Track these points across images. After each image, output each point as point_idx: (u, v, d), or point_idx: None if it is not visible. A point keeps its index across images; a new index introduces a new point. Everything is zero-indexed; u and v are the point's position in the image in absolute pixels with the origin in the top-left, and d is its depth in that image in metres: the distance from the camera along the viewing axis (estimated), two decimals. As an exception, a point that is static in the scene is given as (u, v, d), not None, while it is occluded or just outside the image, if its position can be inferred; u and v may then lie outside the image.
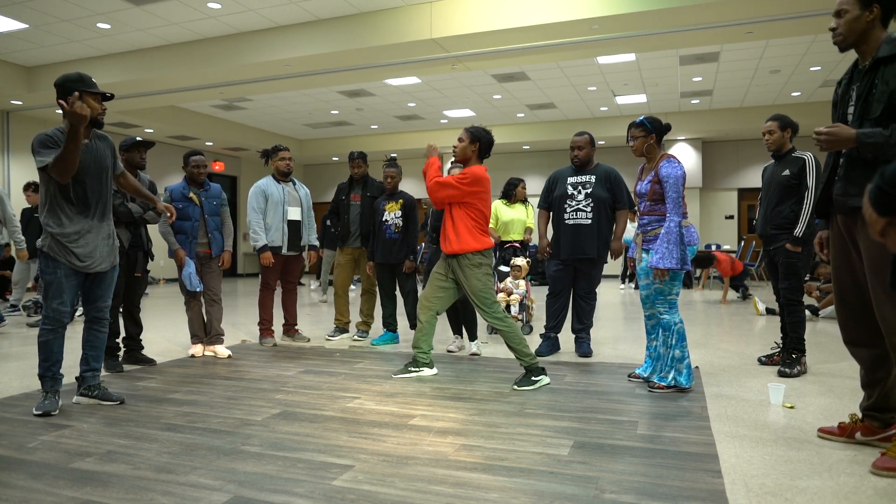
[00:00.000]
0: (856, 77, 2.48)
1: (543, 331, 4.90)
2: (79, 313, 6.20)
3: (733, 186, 14.80)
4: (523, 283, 6.20)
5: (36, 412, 3.15)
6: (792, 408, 3.26)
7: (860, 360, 2.61)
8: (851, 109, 2.46)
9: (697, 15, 6.85)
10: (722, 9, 6.69)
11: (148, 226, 4.57)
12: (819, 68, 10.12)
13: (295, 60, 8.45)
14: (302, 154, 16.46)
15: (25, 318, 7.20)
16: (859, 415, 2.66)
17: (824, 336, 5.74)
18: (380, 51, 8.06)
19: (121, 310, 4.45)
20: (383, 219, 5.21)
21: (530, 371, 3.77)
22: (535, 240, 5.41)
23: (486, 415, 3.14)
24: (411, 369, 4.08)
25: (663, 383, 3.60)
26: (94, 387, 3.39)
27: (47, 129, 3.15)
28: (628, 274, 12.30)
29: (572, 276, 4.75)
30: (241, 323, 6.90)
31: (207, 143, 14.74)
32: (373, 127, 14.91)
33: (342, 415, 3.17)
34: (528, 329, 6.08)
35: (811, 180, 3.96)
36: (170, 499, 2.12)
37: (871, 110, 2.35)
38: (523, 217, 6.48)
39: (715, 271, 12.20)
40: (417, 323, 4.05)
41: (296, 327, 5.55)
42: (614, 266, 14.56)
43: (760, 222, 4.25)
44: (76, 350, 3.53)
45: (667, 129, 3.71)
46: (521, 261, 6.21)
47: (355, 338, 5.61)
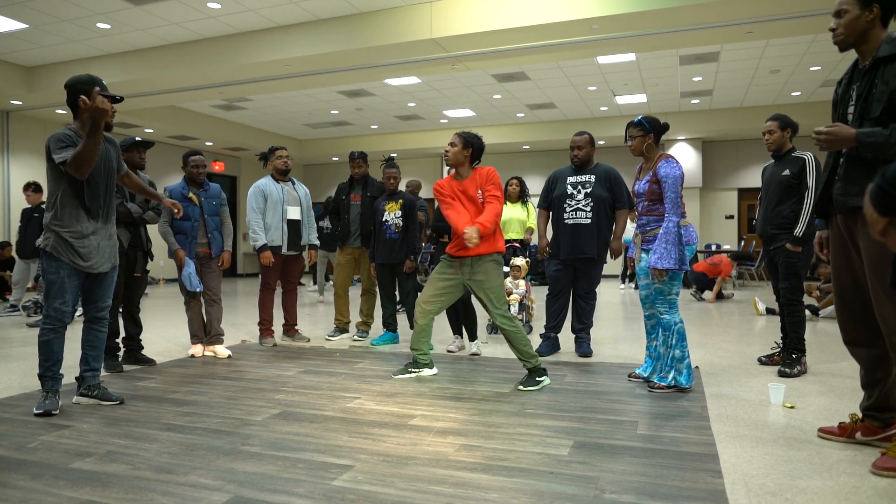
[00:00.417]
0: (856, 77, 2.48)
1: (543, 331, 4.90)
2: (78, 313, 6.20)
3: (733, 186, 14.80)
4: (523, 282, 6.20)
5: (36, 412, 3.16)
6: (792, 408, 3.26)
7: (860, 360, 2.61)
8: (851, 109, 2.46)
9: (697, 15, 6.85)
10: (722, 9, 6.69)
11: (147, 226, 4.57)
12: (819, 68, 10.12)
13: (295, 60, 8.45)
14: (302, 154, 16.46)
15: (25, 319, 7.21)
16: (859, 415, 2.66)
17: (824, 336, 5.74)
18: (380, 51, 8.06)
19: (120, 310, 4.45)
20: (383, 219, 5.21)
21: (534, 372, 3.78)
22: (535, 240, 5.42)
23: (486, 415, 3.14)
24: (411, 370, 4.08)
25: (663, 383, 3.60)
26: (93, 387, 3.39)
27: (60, 130, 3.18)
28: (628, 274, 12.30)
29: (572, 275, 4.75)
30: (240, 323, 6.90)
31: (207, 143, 14.74)
32: (373, 127, 14.91)
33: (342, 415, 3.16)
34: (527, 329, 6.07)
35: (811, 180, 3.96)
36: (170, 499, 2.12)
37: (871, 110, 2.35)
38: (521, 216, 6.47)
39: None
40: (415, 325, 4.03)
41: (296, 327, 5.55)
42: (614, 266, 14.56)
43: (760, 222, 4.25)
44: (76, 350, 3.53)
45: (665, 128, 3.72)
46: (521, 261, 6.21)
47: (355, 338, 5.61)
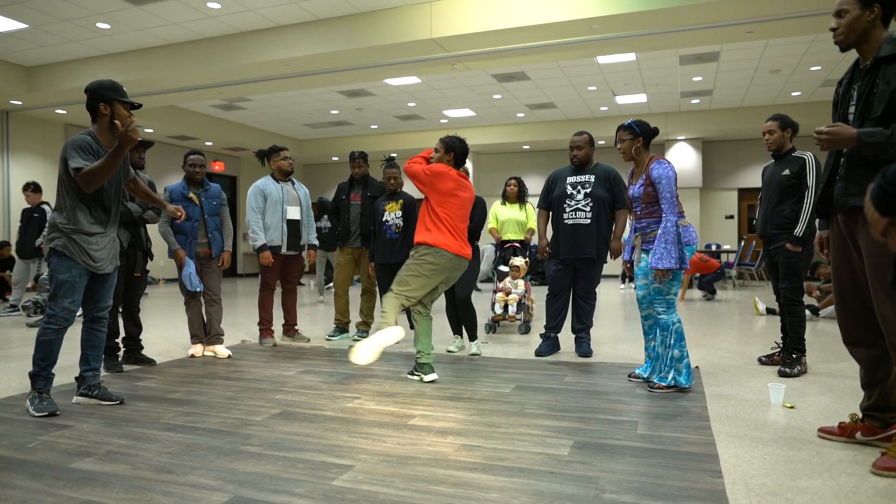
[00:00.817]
0: (857, 77, 2.48)
1: (543, 331, 4.90)
2: (78, 314, 6.20)
3: (733, 186, 14.80)
4: (522, 282, 6.20)
5: (38, 413, 3.13)
6: (792, 408, 3.26)
7: (860, 360, 2.61)
8: (852, 109, 2.46)
9: (697, 15, 6.85)
10: (722, 9, 6.69)
11: (147, 226, 4.57)
12: (819, 68, 10.12)
13: (295, 60, 8.45)
14: (302, 154, 16.46)
15: (25, 319, 7.20)
16: (859, 415, 2.66)
17: (824, 336, 5.74)
18: (380, 51, 8.06)
19: (120, 310, 4.45)
20: (384, 219, 5.21)
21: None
22: (535, 240, 5.43)
23: (486, 415, 3.14)
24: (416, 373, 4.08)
25: (663, 383, 3.60)
26: (94, 387, 3.39)
27: (78, 135, 3.19)
28: (628, 275, 12.30)
29: (572, 275, 4.74)
30: (240, 323, 6.90)
31: (207, 143, 14.74)
32: (373, 127, 14.90)
33: (342, 415, 3.16)
34: (524, 328, 6.08)
35: (811, 180, 3.96)
36: (170, 499, 2.12)
37: (872, 110, 2.35)
38: (520, 217, 6.48)
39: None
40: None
41: (296, 327, 5.55)
42: (614, 266, 14.55)
43: (760, 222, 4.25)
44: (75, 350, 3.53)
45: (654, 132, 3.74)
46: (520, 261, 6.21)
47: (355, 338, 5.61)
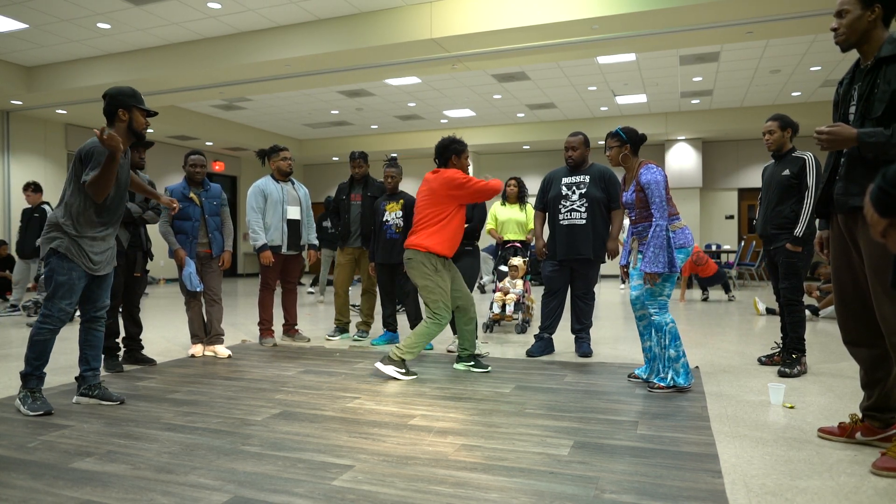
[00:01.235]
0: (857, 77, 2.48)
1: (538, 331, 4.90)
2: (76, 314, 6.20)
3: (733, 186, 14.80)
4: (521, 282, 6.21)
5: (33, 413, 3.12)
6: (792, 408, 3.26)
7: (860, 360, 2.61)
8: (853, 109, 2.46)
9: (697, 15, 6.85)
10: (722, 9, 6.70)
11: (147, 226, 4.57)
12: (819, 68, 10.12)
13: (295, 60, 8.45)
14: (302, 154, 16.46)
15: (25, 318, 7.21)
16: (859, 415, 2.66)
17: (824, 336, 5.74)
18: (380, 51, 8.06)
19: (120, 310, 4.46)
20: (384, 219, 5.21)
21: (393, 360, 4.07)
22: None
23: (486, 415, 3.14)
24: (474, 369, 4.19)
25: (662, 384, 3.60)
26: (94, 386, 3.39)
27: (94, 142, 3.20)
28: (624, 278, 12.29)
29: (568, 276, 4.75)
30: (241, 323, 6.90)
31: (207, 143, 14.74)
32: (373, 127, 14.91)
33: (342, 415, 3.16)
34: (520, 328, 6.08)
35: (811, 180, 3.96)
36: (170, 499, 2.12)
37: (873, 110, 2.35)
38: (519, 218, 6.48)
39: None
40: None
41: (296, 327, 5.55)
42: (614, 266, 14.56)
43: (760, 222, 4.25)
44: (75, 350, 3.53)
45: (642, 139, 3.79)
46: (518, 261, 6.22)
47: (355, 338, 5.61)
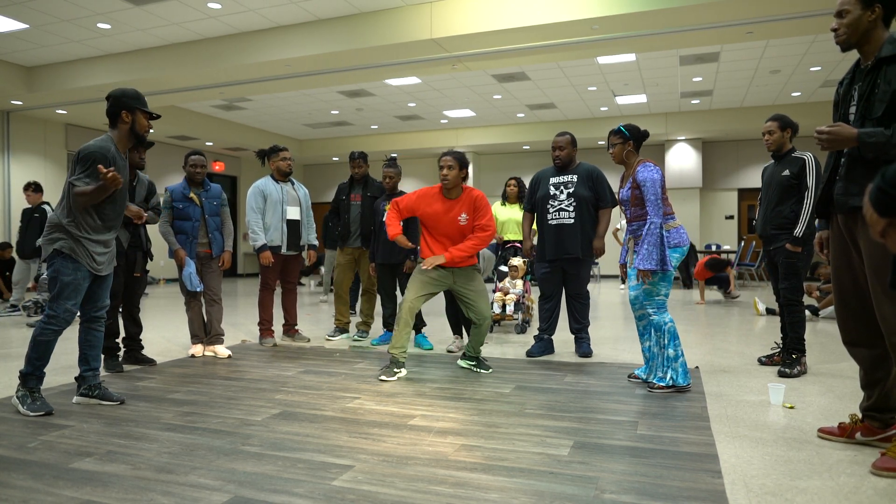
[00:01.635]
0: (857, 77, 2.48)
1: (537, 332, 4.91)
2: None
3: (733, 186, 14.80)
4: (521, 282, 6.21)
5: (32, 413, 3.12)
6: (792, 408, 3.26)
7: (860, 361, 2.61)
8: (853, 109, 2.46)
9: (697, 15, 6.85)
10: (722, 9, 6.69)
11: (147, 226, 4.57)
12: (819, 68, 10.12)
13: (295, 60, 8.45)
14: (302, 154, 16.46)
15: (25, 319, 7.21)
16: (859, 415, 2.66)
17: (824, 336, 5.74)
18: (380, 51, 8.06)
19: (120, 310, 4.46)
20: (384, 219, 5.21)
21: (475, 360, 4.22)
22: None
23: (486, 415, 3.14)
24: (396, 370, 4.06)
25: (662, 384, 3.60)
26: (94, 387, 3.39)
27: (100, 143, 3.19)
28: (623, 277, 12.28)
29: (560, 277, 4.76)
30: (241, 323, 6.90)
31: (207, 143, 14.74)
32: (373, 127, 14.91)
33: (342, 415, 3.16)
34: (520, 329, 6.08)
35: (811, 180, 3.96)
36: (170, 499, 2.12)
37: (873, 110, 2.35)
38: (519, 217, 6.48)
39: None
40: (403, 324, 4.04)
41: (296, 327, 5.55)
42: (613, 266, 14.56)
43: (760, 222, 4.25)
44: (75, 350, 3.53)
45: (644, 135, 3.79)
46: (518, 261, 6.22)
47: (355, 338, 5.61)
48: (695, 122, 13.40)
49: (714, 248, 13.32)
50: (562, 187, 4.64)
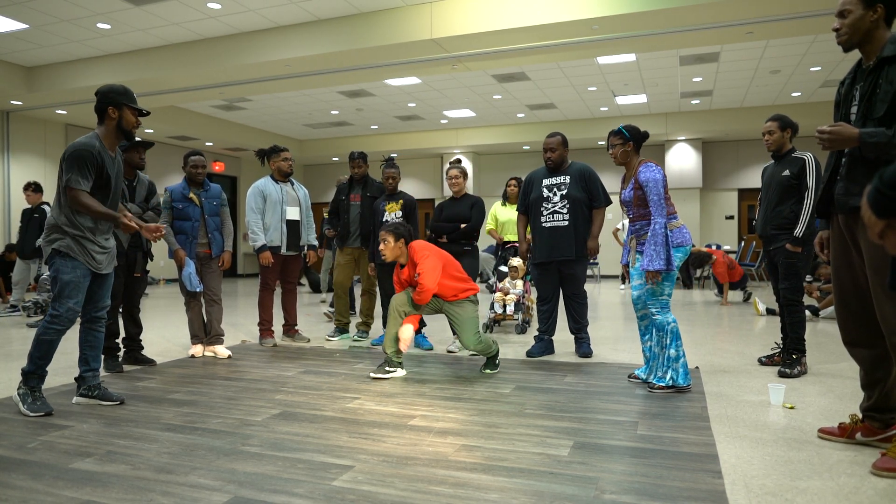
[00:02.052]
0: (859, 77, 2.48)
1: (537, 333, 4.91)
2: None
3: (733, 186, 14.80)
4: (521, 283, 6.21)
5: (33, 414, 3.12)
6: (792, 408, 3.26)
7: (860, 361, 2.61)
8: (855, 109, 2.46)
9: (697, 15, 6.85)
10: (722, 9, 6.69)
11: (148, 226, 4.57)
12: (819, 68, 10.12)
13: (295, 60, 8.45)
14: (302, 154, 16.46)
15: (25, 319, 7.20)
16: (859, 415, 2.66)
17: (824, 336, 5.74)
18: (380, 51, 8.06)
19: (120, 310, 4.46)
20: (384, 219, 5.21)
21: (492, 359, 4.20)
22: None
23: (486, 415, 3.14)
24: (388, 369, 4.09)
25: (661, 384, 3.60)
26: (94, 387, 3.39)
27: (84, 141, 3.17)
28: (626, 277, 12.27)
29: (557, 278, 4.76)
30: (240, 323, 6.90)
31: (207, 144, 14.74)
32: (373, 127, 14.91)
33: (342, 415, 3.16)
34: (520, 329, 6.08)
35: (811, 180, 3.96)
36: (170, 499, 2.12)
37: (875, 110, 2.35)
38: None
39: (708, 269, 12.18)
40: (389, 327, 4.11)
41: (296, 328, 5.55)
42: (614, 266, 14.56)
43: (760, 222, 4.25)
44: (75, 350, 3.53)
45: (644, 136, 3.79)
46: (518, 261, 6.22)
47: (355, 338, 5.61)
48: (695, 123, 13.40)
49: (714, 248, 13.31)
50: (555, 189, 4.64)
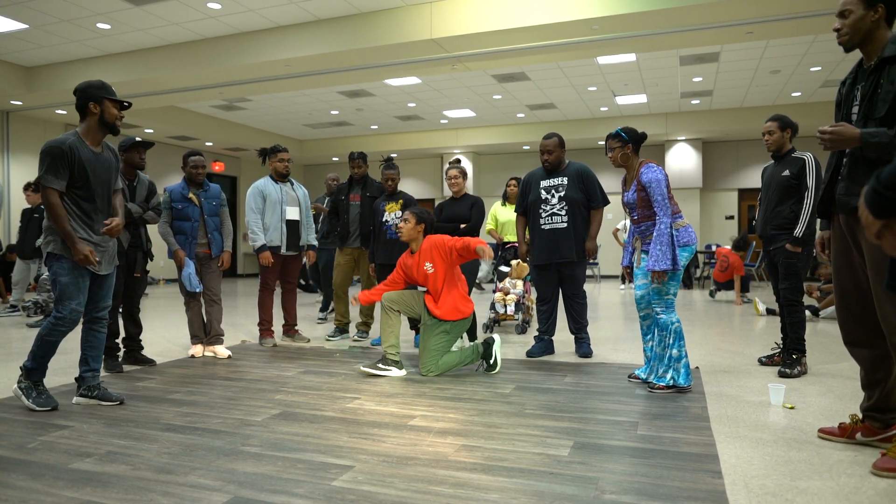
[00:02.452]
0: (860, 77, 2.48)
1: (537, 333, 4.91)
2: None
3: (733, 186, 14.80)
4: (521, 283, 6.20)
5: (39, 408, 3.14)
6: (792, 408, 3.25)
7: (860, 361, 2.61)
8: (856, 109, 2.46)
9: (697, 15, 6.85)
10: (722, 9, 6.70)
11: (147, 226, 4.57)
12: (819, 68, 10.12)
13: (295, 60, 8.45)
14: (302, 154, 16.46)
15: (25, 319, 7.20)
16: (860, 415, 2.66)
17: (824, 336, 5.74)
18: (380, 51, 8.06)
19: (120, 310, 4.45)
20: (383, 219, 5.21)
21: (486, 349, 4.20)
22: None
23: (486, 415, 3.14)
24: (381, 366, 4.10)
25: (662, 383, 3.60)
26: (93, 387, 3.39)
27: (61, 140, 3.14)
28: (627, 278, 12.26)
29: (556, 279, 4.76)
30: (240, 323, 6.90)
31: (207, 144, 14.74)
32: (373, 127, 14.91)
33: (342, 415, 3.16)
34: (520, 329, 6.08)
35: (811, 180, 3.96)
36: (170, 499, 2.12)
37: (876, 110, 2.35)
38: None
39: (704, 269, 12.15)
40: (382, 323, 4.17)
41: (295, 328, 5.55)
42: (614, 266, 14.57)
43: (760, 223, 4.25)
44: (74, 350, 3.52)
45: (643, 137, 3.78)
46: (517, 261, 6.21)
47: (355, 338, 5.61)
48: (695, 123, 13.41)
49: (714, 248, 13.31)
50: (553, 191, 4.63)
